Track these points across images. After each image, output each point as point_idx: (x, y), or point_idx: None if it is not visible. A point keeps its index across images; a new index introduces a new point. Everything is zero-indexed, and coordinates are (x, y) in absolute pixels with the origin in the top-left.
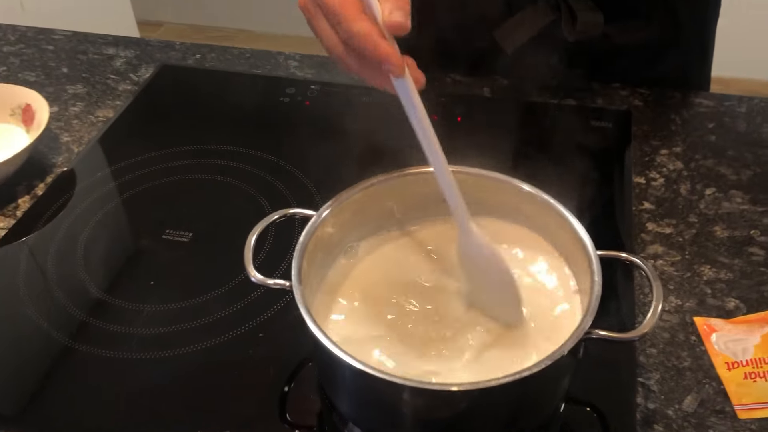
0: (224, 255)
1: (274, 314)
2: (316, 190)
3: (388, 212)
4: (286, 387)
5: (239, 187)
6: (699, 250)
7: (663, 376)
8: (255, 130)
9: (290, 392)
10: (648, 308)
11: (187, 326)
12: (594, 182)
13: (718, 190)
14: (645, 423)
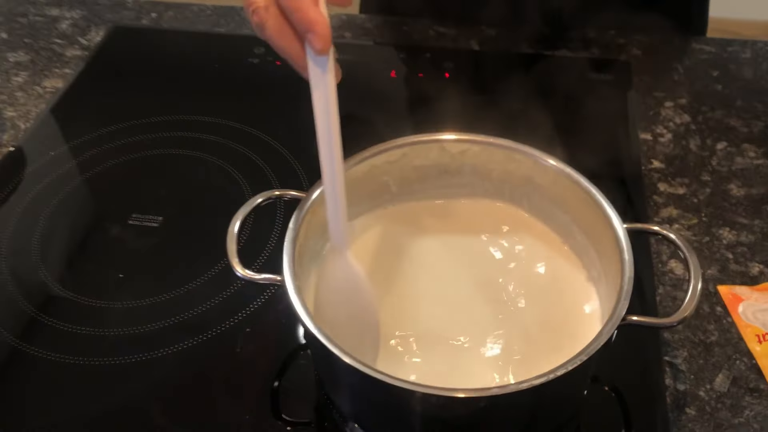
0: (200, 240)
1: (262, 305)
2: (296, 161)
3: (383, 188)
4: (276, 382)
5: (212, 163)
6: (715, 211)
7: (690, 353)
8: (224, 97)
9: (283, 388)
10: (667, 278)
11: (164, 324)
12: (597, 141)
13: (730, 144)
14: (676, 406)
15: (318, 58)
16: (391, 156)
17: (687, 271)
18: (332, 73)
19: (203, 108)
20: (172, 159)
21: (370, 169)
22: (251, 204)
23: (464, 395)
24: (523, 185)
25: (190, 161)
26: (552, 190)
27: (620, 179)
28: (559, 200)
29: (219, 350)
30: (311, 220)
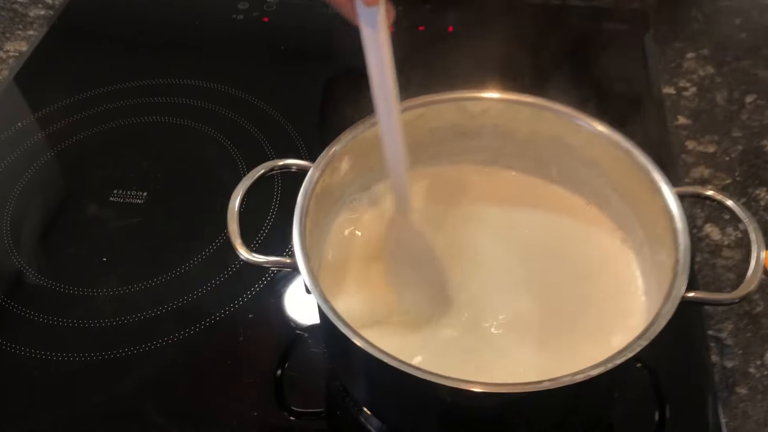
0: (190, 218)
1: (263, 288)
2: (293, 128)
3: None
4: (279, 371)
5: (200, 131)
6: (750, 169)
7: (736, 326)
8: (208, 58)
9: (290, 378)
10: (704, 245)
11: (155, 313)
12: (617, 96)
13: (760, 96)
14: (725, 385)
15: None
16: (405, 117)
17: (748, 241)
18: (384, 17)
19: (185, 70)
20: (154, 128)
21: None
22: (253, 176)
23: (505, 390)
24: (552, 147)
25: (175, 130)
26: (585, 151)
27: (646, 138)
28: (593, 163)
29: (219, 340)
30: (320, 193)
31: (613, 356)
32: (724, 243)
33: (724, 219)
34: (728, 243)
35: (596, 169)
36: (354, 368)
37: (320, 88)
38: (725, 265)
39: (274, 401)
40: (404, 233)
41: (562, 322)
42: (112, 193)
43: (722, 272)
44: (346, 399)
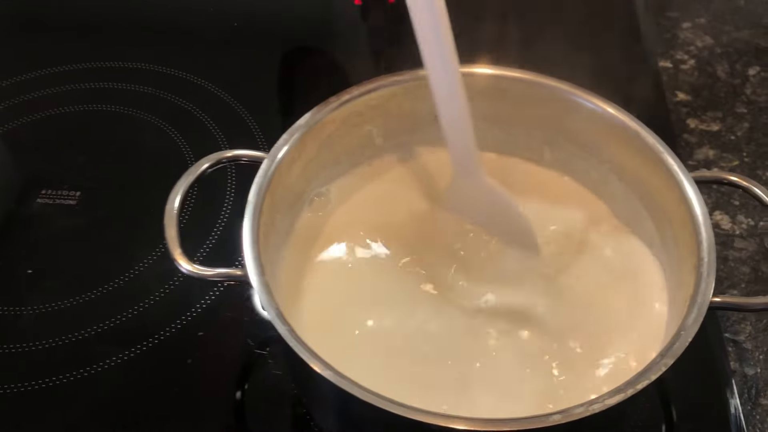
0: (130, 220)
1: (215, 299)
2: (249, 116)
3: (365, 139)
4: (238, 393)
5: (143, 120)
6: (758, 149)
7: (755, 327)
8: (151, 38)
9: (250, 401)
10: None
11: (90, 333)
12: (608, 73)
13: (764, 68)
14: (747, 397)
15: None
16: (374, 98)
17: (763, 231)
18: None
19: (126, 53)
20: (92, 117)
21: (348, 116)
22: (195, 172)
23: (497, 429)
24: (545, 128)
25: (115, 119)
26: (584, 133)
27: (642, 116)
28: (593, 146)
29: (165, 362)
30: (277, 189)
31: (633, 379)
32: (736, 233)
33: (733, 205)
34: (740, 233)
35: (598, 153)
36: (320, 398)
37: (279, 69)
38: (738, 258)
39: (235, 428)
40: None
41: (563, 332)
42: (40, 193)
43: (736, 266)
44: (313, 427)
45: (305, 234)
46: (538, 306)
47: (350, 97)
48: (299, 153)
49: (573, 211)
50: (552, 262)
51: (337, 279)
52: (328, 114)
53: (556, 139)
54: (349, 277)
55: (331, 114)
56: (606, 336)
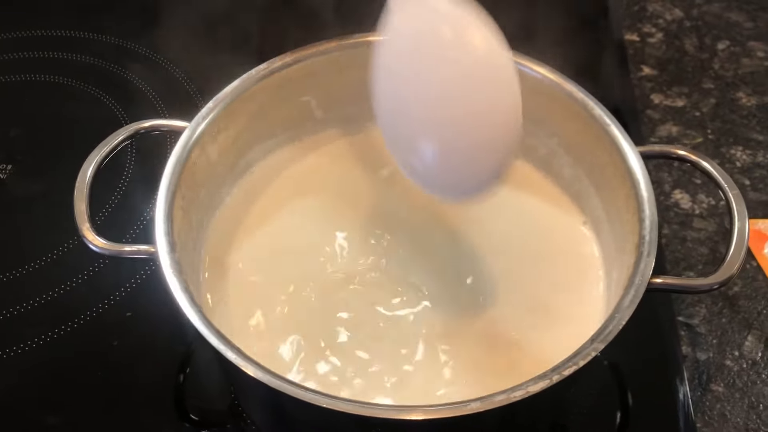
0: (63, 194)
1: (145, 279)
2: (190, 82)
3: (303, 111)
4: (181, 376)
5: (79, 90)
6: (724, 126)
7: (710, 310)
8: (86, 2)
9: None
10: (672, 214)
11: (13, 313)
12: (571, 44)
13: (733, 43)
14: (698, 382)
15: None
16: (312, 65)
17: (729, 212)
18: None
19: (59, 19)
20: (24, 87)
21: (283, 84)
22: (109, 143)
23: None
24: None
25: (49, 89)
26: (531, 104)
27: (605, 91)
28: (540, 119)
29: (90, 343)
30: (198, 160)
31: (560, 365)
32: (695, 212)
33: (694, 183)
34: (700, 212)
35: (545, 126)
36: (241, 384)
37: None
38: (697, 238)
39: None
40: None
41: (501, 314)
42: None
43: (694, 246)
44: (246, 419)
45: (235, 209)
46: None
47: (282, 64)
48: (226, 124)
49: (517, 190)
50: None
51: (266, 255)
52: (258, 82)
53: None
54: (279, 253)
55: (262, 82)
56: (546, 319)
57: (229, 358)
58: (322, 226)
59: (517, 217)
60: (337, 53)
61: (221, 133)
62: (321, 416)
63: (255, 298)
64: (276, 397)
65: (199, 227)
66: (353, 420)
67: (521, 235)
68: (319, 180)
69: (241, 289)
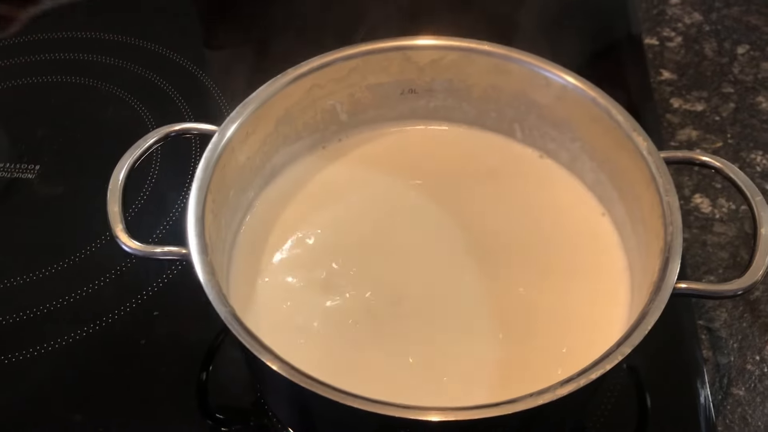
0: (90, 195)
1: (172, 279)
2: (216, 87)
3: (329, 114)
4: (203, 374)
5: (106, 92)
6: (744, 130)
7: (731, 314)
8: (113, 4)
9: (206, 383)
10: (692, 218)
11: (42, 311)
12: (591, 48)
13: (753, 47)
14: (719, 386)
15: None
16: (337, 71)
17: (753, 218)
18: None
19: (88, 21)
20: (52, 89)
21: (309, 89)
22: (141, 146)
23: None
24: (516, 105)
25: (76, 91)
26: (555, 110)
27: (624, 95)
28: (564, 124)
29: (118, 342)
30: (228, 164)
31: (588, 368)
32: (716, 216)
33: (714, 188)
34: (720, 216)
35: (569, 131)
36: (269, 384)
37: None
38: (717, 243)
39: (196, 411)
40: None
41: (525, 317)
42: None
43: (714, 251)
44: (272, 417)
45: (266, 212)
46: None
47: (309, 69)
48: (254, 127)
49: (544, 192)
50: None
51: (296, 260)
52: (285, 87)
53: (526, 116)
54: (309, 259)
55: (288, 87)
56: (569, 324)
57: (264, 359)
58: (351, 230)
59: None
60: (361, 59)
61: (249, 136)
62: (347, 414)
63: (285, 302)
64: (305, 396)
65: (227, 230)
66: (381, 420)
67: (543, 235)
68: (346, 183)
69: (270, 293)
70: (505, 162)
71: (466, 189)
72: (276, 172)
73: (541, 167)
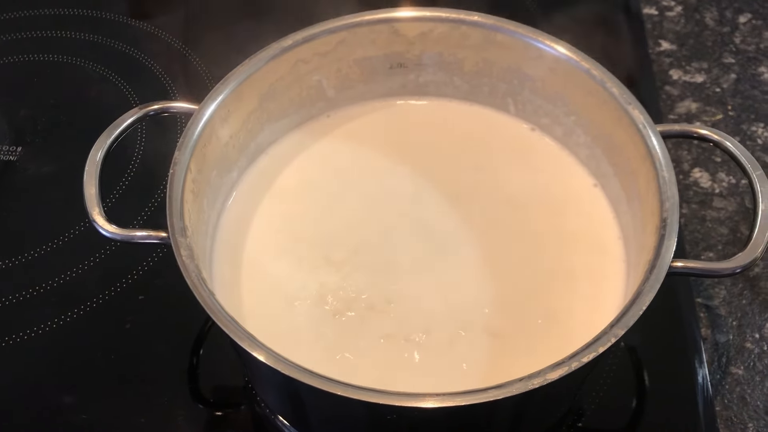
0: (74, 177)
1: (158, 261)
2: (202, 63)
3: (315, 91)
4: (193, 358)
5: (89, 71)
6: (745, 102)
7: (730, 292)
8: None
9: (201, 365)
10: (691, 193)
11: (26, 295)
12: (588, 18)
13: (756, 15)
14: (717, 365)
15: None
16: (322, 44)
17: (752, 192)
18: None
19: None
20: (33, 68)
21: (294, 64)
22: (118, 126)
23: (440, 404)
24: (508, 79)
25: (58, 69)
26: (549, 83)
27: (622, 67)
28: (558, 98)
29: (103, 326)
30: (209, 143)
31: (579, 351)
32: (715, 191)
33: (714, 162)
34: (720, 191)
35: (563, 105)
36: (258, 376)
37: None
38: (716, 218)
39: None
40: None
41: (520, 295)
42: None
43: (713, 226)
44: (260, 403)
45: (250, 192)
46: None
47: (293, 42)
48: (236, 105)
49: (532, 160)
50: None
51: (282, 241)
52: (268, 62)
53: (520, 90)
54: (295, 240)
55: (272, 62)
56: (566, 302)
57: (243, 345)
58: (337, 209)
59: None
60: (347, 32)
61: (231, 114)
62: (334, 401)
63: (270, 285)
64: (288, 382)
65: (210, 211)
66: (368, 407)
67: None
68: (334, 161)
69: (254, 276)
70: (496, 136)
71: (458, 164)
72: (261, 150)
73: (533, 141)
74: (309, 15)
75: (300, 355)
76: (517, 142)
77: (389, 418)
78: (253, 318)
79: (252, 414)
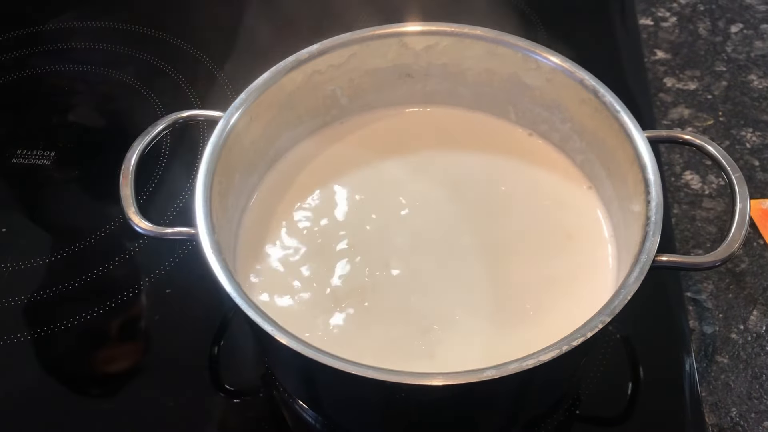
0: (103, 180)
1: (183, 258)
2: (221, 72)
3: (329, 100)
4: (215, 348)
5: (117, 80)
6: (735, 108)
7: (717, 286)
8: None
9: (218, 357)
10: (682, 194)
11: (62, 289)
12: (586, 28)
13: (747, 25)
14: (704, 354)
15: None
16: (336, 57)
17: (731, 193)
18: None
19: (97, 11)
20: (65, 77)
21: (310, 75)
22: (150, 133)
23: (443, 382)
24: (509, 88)
25: (88, 79)
26: (546, 92)
27: (618, 75)
28: (555, 106)
29: (133, 319)
30: (234, 148)
31: (570, 336)
32: (705, 192)
33: (705, 165)
34: (709, 192)
35: (560, 113)
36: (280, 361)
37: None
38: (706, 218)
39: (209, 384)
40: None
41: (517, 288)
42: (15, 153)
43: (702, 225)
44: (279, 387)
45: (270, 194)
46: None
47: (309, 55)
48: (257, 112)
49: (534, 170)
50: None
51: (300, 238)
52: (286, 73)
53: (520, 99)
54: (312, 237)
55: (290, 73)
56: (560, 296)
57: (270, 331)
58: (350, 209)
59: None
60: (359, 45)
61: (253, 121)
62: (352, 383)
63: (290, 277)
64: (307, 364)
65: (234, 211)
66: (378, 386)
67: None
68: (347, 163)
69: (275, 270)
70: (498, 141)
71: (462, 166)
72: (279, 155)
73: (532, 146)
74: (324, 29)
75: (318, 339)
76: (517, 147)
77: (398, 397)
78: (270, 309)
79: (271, 399)
